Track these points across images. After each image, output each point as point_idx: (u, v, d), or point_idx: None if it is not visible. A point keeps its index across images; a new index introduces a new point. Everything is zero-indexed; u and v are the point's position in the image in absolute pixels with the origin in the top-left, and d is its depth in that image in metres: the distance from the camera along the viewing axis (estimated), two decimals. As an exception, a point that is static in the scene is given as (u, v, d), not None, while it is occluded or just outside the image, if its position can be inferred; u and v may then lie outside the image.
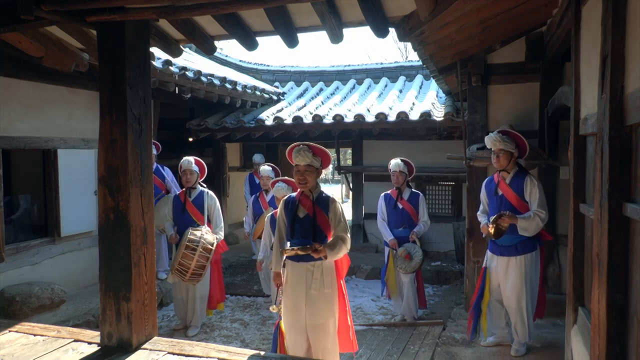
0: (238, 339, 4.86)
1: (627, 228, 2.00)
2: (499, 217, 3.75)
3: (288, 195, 3.57)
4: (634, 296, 1.93)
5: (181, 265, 4.57)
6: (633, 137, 1.97)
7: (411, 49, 5.21)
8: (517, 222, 3.75)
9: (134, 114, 3.07)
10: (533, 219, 3.74)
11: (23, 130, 4.98)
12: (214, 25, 3.47)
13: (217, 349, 3.05)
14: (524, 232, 3.78)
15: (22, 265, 5.04)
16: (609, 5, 2.07)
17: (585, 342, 2.63)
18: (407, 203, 5.13)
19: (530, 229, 3.76)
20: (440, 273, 6.86)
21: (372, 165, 8.26)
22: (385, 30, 3.41)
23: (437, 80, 6.29)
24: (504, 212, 3.77)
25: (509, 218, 3.74)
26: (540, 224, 3.76)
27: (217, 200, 5.11)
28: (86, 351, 3.05)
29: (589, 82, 2.63)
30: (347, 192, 19.35)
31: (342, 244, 3.20)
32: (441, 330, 4.67)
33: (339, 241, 3.21)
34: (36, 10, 2.71)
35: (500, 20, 4.05)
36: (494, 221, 3.74)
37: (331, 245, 3.18)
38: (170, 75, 5.88)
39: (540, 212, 3.76)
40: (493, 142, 3.85)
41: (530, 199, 3.83)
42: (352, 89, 9.59)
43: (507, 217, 3.74)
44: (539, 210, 3.76)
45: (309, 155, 3.21)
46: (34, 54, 4.23)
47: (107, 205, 3.08)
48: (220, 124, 7.90)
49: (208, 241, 4.68)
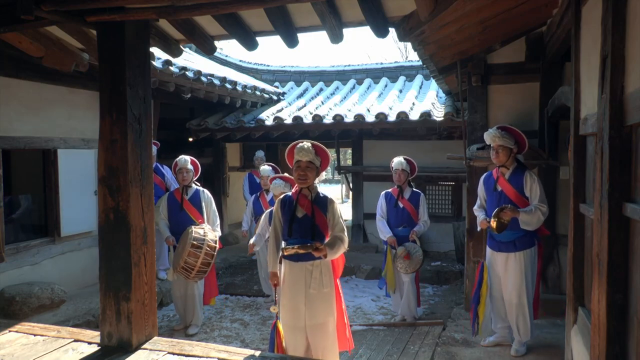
0: (238, 339, 4.86)
1: (627, 228, 2.00)
2: (501, 210, 3.76)
3: (285, 193, 3.57)
4: (634, 296, 1.93)
5: (187, 264, 4.57)
6: (633, 137, 1.97)
7: (411, 49, 5.21)
8: (519, 216, 3.75)
9: (134, 114, 3.07)
10: (535, 212, 3.75)
11: (23, 130, 4.98)
12: (214, 25, 3.47)
13: (217, 349, 3.06)
14: (526, 226, 3.79)
15: (22, 265, 5.04)
16: (609, 5, 2.07)
17: (585, 342, 2.63)
18: (408, 202, 5.13)
19: (532, 222, 3.77)
20: (440, 273, 6.86)
21: (372, 165, 8.26)
22: (385, 30, 3.41)
23: (437, 80, 6.29)
24: (506, 206, 3.78)
25: (511, 211, 3.75)
26: (542, 218, 3.76)
27: (212, 198, 5.13)
28: (86, 351, 3.05)
29: (589, 82, 2.63)
30: (347, 192, 19.35)
31: (340, 244, 3.23)
32: (441, 330, 4.67)
33: (337, 240, 3.23)
34: (36, 10, 2.71)
35: (500, 20, 4.06)
36: (495, 215, 3.75)
37: (330, 244, 3.21)
38: (170, 75, 5.88)
39: (542, 206, 3.77)
40: (492, 138, 3.87)
41: (531, 195, 3.84)
42: (352, 89, 9.59)
43: (508, 210, 3.75)
44: (540, 204, 3.77)
45: (312, 152, 3.23)
46: (34, 54, 4.23)
47: (107, 205, 3.08)
48: (220, 124, 7.91)
49: (211, 239, 4.71)
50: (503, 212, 3.75)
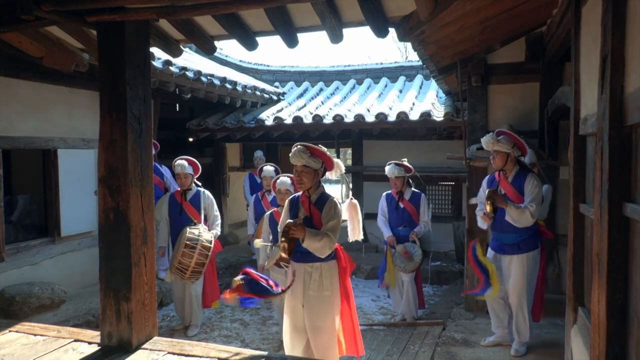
0: (238, 339, 4.86)
1: (627, 228, 2.00)
2: (493, 192, 3.79)
3: (292, 193, 3.57)
4: (634, 296, 1.93)
5: (181, 264, 4.59)
6: (633, 137, 1.97)
7: (411, 49, 5.21)
8: (507, 208, 3.76)
9: (134, 114, 3.06)
10: (523, 211, 3.74)
11: (23, 130, 4.98)
12: (214, 25, 3.47)
13: (217, 349, 3.05)
14: (512, 222, 3.79)
15: (22, 265, 5.04)
16: (609, 5, 2.07)
17: (585, 342, 2.63)
18: (409, 203, 5.13)
19: (519, 220, 3.76)
20: (440, 273, 6.86)
21: (372, 165, 8.26)
22: (385, 30, 3.41)
23: (437, 80, 6.29)
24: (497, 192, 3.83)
25: (499, 198, 3.77)
26: (530, 218, 3.74)
27: (213, 199, 5.14)
28: (86, 351, 3.05)
29: (589, 82, 2.63)
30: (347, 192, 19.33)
31: (324, 237, 3.05)
32: (441, 330, 4.67)
33: (322, 233, 3.09)
34: (36, 11, 2.71)
35: (500, 20, 4.05)
36: (489, 197, 3.78)
37: (314, 232, 3.07)
38: (170, 75, 5.87)
39: (532, 205, 3.76)
40: (487, 144, 3.89)
41: (526, 193, 3.85)
42: (352, 89, 9.59)
43: (498, 197, 3.77)
44: (531, 204, 3.77)
45: (305, 156, 3.13)
46: (34, 54, 4.23)
47: (107, 205, 3.08)
48: (220, 124, 7.90)
49: (206, 239, 4.70)
50: (496, 195, 3.78)
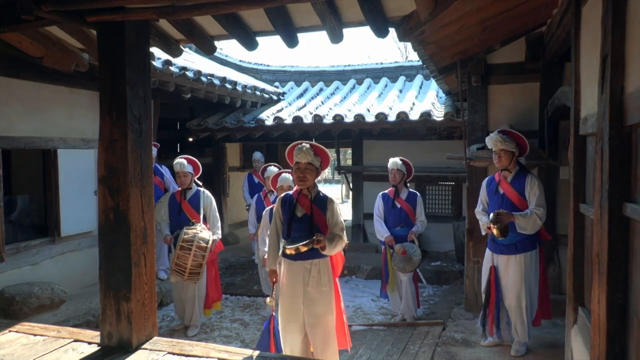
0: (238, 339, 4.86)
1: (627, 228, 2.00)
2: (497, 215, 3.74)
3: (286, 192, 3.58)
4: (634, 296, 1.93)
5: (178, 266, 4.59)
6: (633, 137, 1.97)
7: (411, 49, 5.21)
8: (515, 220, 3.75)
9: (134, 114, 3.07)
10: (531, 216, 3.75)
11: (23, 130, 4.98)
12: (214, 25, 3.47)
13: (217, 349, 3.06)
14: (522, 230, 3.79)
15: (22, 265, 5.03)
16: (609, 5, 2.07)
17: (585, 342, 2.63)
18: (405, 202, 5.14)
19: (528, 227, 3.77)
20: (440, 273, 6.86)
21: (372, 165, 8.26)
22: (385, 30, 3.41)
23: (437, 80, 6.29)
24: (501, 211, 3.78)
25: (506, 216, 3.75)
26: (539, 222, 3.76)
27: (213, 199, 5.12)
28: (86, 351, 3.05)
29: (589, 82, 2.63)
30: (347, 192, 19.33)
31: (339, 240, 3.26)
32: (441, 330, 4.67)
33: (336, 237, 3.27)
34: (36, 11, 2.71)
35: (500, 20, 4.05)
36: (493, 222, 3.73)
37: (329, 239, 3.24)
38: (170, 75, 5.87)
39: (538, 209, 3.76)
40: (494, 143, 3.87)
41: (530, 197, 3.84)
42: (352, 89, 9.59)
43: (503, 215, 3.75)
44: (537, 208, 3.77)
45: (311, 153, 3.24)
46: (34, 54, 4.23)
47: (107, 205, 3.08)
48: (220, 124, 7.90)
49: (202, 239, 4.67)
50: (499, 217, 3.73)
